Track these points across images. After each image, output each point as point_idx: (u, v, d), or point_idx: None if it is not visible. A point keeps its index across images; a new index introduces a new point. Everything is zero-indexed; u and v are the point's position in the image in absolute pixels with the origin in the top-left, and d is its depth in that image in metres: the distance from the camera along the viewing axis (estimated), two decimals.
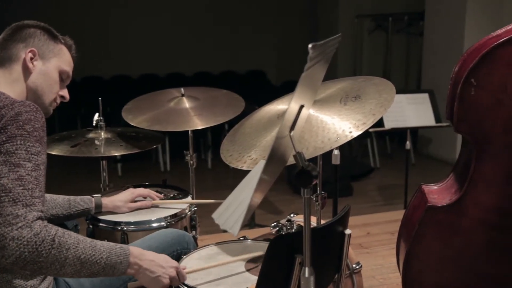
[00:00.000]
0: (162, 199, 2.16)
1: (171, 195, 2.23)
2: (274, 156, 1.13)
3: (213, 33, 8.44)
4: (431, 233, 1.78)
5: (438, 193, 1.85)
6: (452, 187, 1.83)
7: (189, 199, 2.21)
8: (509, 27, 1.70)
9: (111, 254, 1.42)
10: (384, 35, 7.81)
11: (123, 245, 1.49)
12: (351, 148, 6.32)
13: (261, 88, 7.74)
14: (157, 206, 2.11)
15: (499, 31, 1.70)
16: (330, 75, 1.59)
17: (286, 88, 1.08)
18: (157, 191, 2.21)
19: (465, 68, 1.68)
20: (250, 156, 1.60)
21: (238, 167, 1.59)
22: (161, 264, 1.53)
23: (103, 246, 1.42)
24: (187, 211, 2.11)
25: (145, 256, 1.51)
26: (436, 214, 1.76)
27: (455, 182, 1.85)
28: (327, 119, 1.54)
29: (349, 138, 1.47)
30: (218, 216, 1.15)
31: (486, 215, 1.72)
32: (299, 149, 1.23)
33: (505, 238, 1.74)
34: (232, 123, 2.01)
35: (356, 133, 1.48)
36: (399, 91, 4.91)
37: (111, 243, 1.47)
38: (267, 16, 8.81)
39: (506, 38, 1.63)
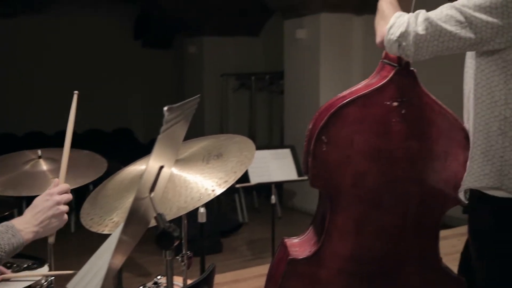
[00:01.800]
0: (15, 271, 1.98)
1: (25, 265, 2.06)
2: (134, 218, 1.11)
3: (77, 90, 8.20)
4: (294, 286, 1.83)
5: (299, 245, 1.92)
6: (312, 239, 1.92)
7: (45, 269, 2.05)
8: (353, 88, 1.87)
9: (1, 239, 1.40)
10: (248, 93, 8.13)
11: (3, 223, 1.47)
12: (220, 204, 6.38)
13: (128, 147, 7.60)
14: (7, 280, 1.93)
15: (344, 92, 1.86)
16: (198, 133, 1.62)
17: None
18: (7, 262, 2.03)
19: (316, 126, 1.79)
20: (112, 219, 1.56)
21: (99, 231, 1.53)
22: (42, 207, 1.51)
23: None
24: (42, 281, 1.96)
25: (27, 217, 1.50)
26: (297, 267, 1.82)
27: (314, 234, 1.94)
28: (190, 178, 1.56)
29: (212, 197, 1.49)
30: (74, 286, 1.09)
31: (342, 265, 1.81)
32: (162, 209, 1.22)
33: (362, 285, 1.84)
34: (97, 183, 1.95)
35: (219, 191, 1.51)
36: (263, 147, 5.12)
37: None
38: (134, 74, 8.79)
39: (350, 98, 1.78)
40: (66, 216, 1.55)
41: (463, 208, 1.90)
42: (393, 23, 1.61)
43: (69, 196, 1.58)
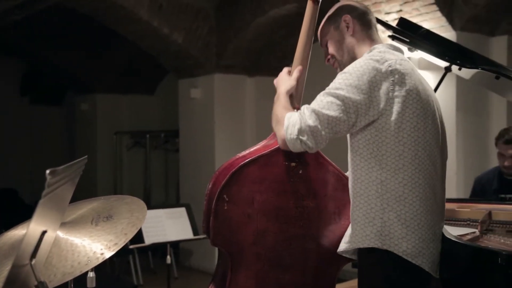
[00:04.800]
0: None
1: None
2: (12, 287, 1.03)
3: None
4: None
5: None
6: None
7: None
8: (252, 149, 1.91)
9: None
10: (142, 151, 8.01)
11: None
12: (113, 266, 6.10)
13: (11, 209, 7.10)
14: None
15: (244, 152, 1.90)
16: (91, 193, 1.56)
17: None
18: None
19: (217, 185, 1.80)
20: None
21: None
22: None
23: None
24: None
25: None
26: None
27: None
28: (78, 242, 1.48)
29: (100, 260, 1.43)
30: None
31: None
32: (45, 276, 1.15)
33: None
34: None
35: (108, 254, 1.45)
36: (158, 206, 5.00)
37: None
38: (20, 131, 8.35)
39: (251, 158, 1.82)
40: None
41: (352, 262, 1.98)
42: (287, 124, 1.70)
43: None
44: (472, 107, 4.35)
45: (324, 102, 1.69)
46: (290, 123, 1.69)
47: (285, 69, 1.97)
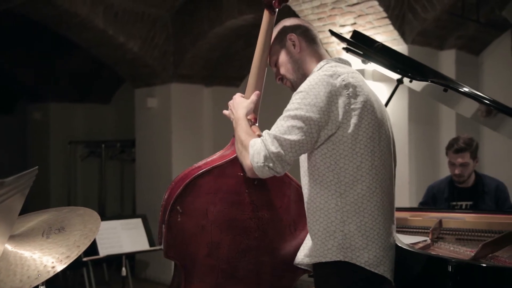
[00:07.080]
0: None
1: None
2: None
3: None
4: None
5: None
6: None
7: None
8: (208, 159, 1.91)
9: None
10: (98, 161, 7.87)
11: None
12: (66, 280, 5.95)
13: None
14: None
15: (200, 163, 1.89)
16: (44, 204, 1.52)
17: None
18: None
19: (172, 196, 1.79)
20: None
21: None
22: None
23: None
24: None
25: None
26: None
27: None
28: (27, 255, 1.45)
29: (51, 274, 1.40)
30: None
31: None
32: None
33: None
34: None
35: (59, 267, 1.42)
36: (114, 217, 4.90)
37: None
38: None
39: (205, 169, 1.81)
40: None
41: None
42: (252, 153, 1.71)
43: None
44: (424, 118, 4.48)
45: (285, 127, 1.70)
46: (255, 151, 1.70)
47: (238, 94, 1.99)
